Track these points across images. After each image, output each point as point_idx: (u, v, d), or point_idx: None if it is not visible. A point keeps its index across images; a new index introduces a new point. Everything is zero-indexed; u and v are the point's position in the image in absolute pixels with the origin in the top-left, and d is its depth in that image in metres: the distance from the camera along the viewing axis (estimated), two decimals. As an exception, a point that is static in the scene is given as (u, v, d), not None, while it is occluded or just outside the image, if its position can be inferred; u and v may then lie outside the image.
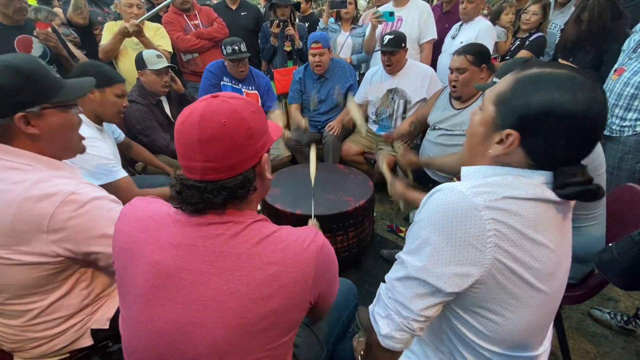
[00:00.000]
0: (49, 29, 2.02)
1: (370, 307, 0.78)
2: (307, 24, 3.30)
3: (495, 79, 1.35)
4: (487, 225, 0.59)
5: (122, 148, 1.91)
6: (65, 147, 0.93)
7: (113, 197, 0.92)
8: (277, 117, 2.57)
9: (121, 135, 1.90)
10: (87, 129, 1.28)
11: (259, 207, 1.68)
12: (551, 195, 0.62)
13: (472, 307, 0.67)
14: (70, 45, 2.30)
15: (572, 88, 0.58)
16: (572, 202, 0.69)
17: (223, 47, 2.38)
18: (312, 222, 1.34)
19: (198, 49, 2.84)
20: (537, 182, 0.63)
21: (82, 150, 1.00)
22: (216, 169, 0.63)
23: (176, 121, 0.66)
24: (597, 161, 1.16)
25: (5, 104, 0.80)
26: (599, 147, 1.16)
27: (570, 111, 0.57)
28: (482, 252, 0.60)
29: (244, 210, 0.69)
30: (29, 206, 0.78)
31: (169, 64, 2.11)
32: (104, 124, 1.61)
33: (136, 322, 0.66)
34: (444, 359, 0.77)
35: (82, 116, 1.02)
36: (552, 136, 0.60)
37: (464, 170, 0.70)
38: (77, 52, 2.35)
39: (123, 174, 1.45)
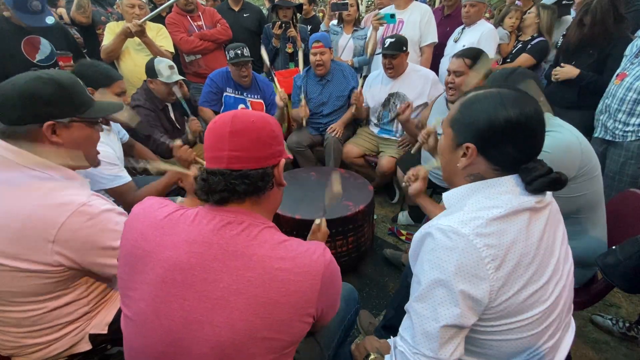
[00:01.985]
0: (71, 62, 2.03)
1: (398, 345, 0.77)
2: (309, 27, 3.31)
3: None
4: (482, 252, 0.64)
5: (125, 148, 1.91)
6: (81, 158, 0.96)
7: (121, 209, 0.93)
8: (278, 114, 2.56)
9: (125, 135, 1.91)
10: None
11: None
12: (527, 201, 0.69)
13: (476, 335, 0.70)
14: None
15: (503, 103, 0.70)
16: (550, 201, 0.75)
17: (226, 51, 2.38)
18: (319, 221, 1.31)
19: (201, 50, 2.83)
20: (509, 188, 0.71)
21: (97, 164, 1.03)
22: (241, 158, 0.69)
23: (209, 122, 0.73)
24: (590, 163, 1.17)
25: (40, 112, 0.85)
26: (591, 151, 1.19)
27: (506, 121, 0.69)
28: (486, 279, 0.64)
29: (259, 214, 0.72)
30: (40, 213, 0.79)
31: (180, 77, 2.11)
32: (112, 123, 1.60)
33: (142, 319, 0.65)
34: None
35: None
36: (500, 142, 0.71)
37: (445, 198, 0.79)
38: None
39: (127, 179, 1.45)
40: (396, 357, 0.75)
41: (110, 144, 1.47)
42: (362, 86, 2.50)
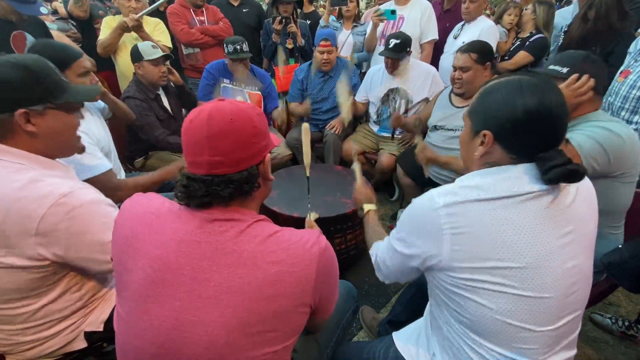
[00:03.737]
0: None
1: (372, 251, 1.02)
2: (309, 22, 3.28)
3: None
4: (442, 219, 0.70)
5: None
6: (61, 147, 0.92)
7: (110, 200, 0.89)
8: (277, 114, 2.55)
9: (106, 107, 1.75)
10: None
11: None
12: (529, 186, 0.69)
13: (454, 289, 0.73)
14: (70, 40, 2.27)
15: (521, 91, 0.69)
16: (561, 192, 0.71)
17: (225, 45, 2.36)
18: (310, 217, 1.30)
19: (201, 44, 2.80)
20: (515, 175, 0.70)
21: (81, 150, 0.98)
22: (223, 163, 0.64)
23: (185, 120, 0.68)
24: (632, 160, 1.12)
25: (9, 99, 0.80)
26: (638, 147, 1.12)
27: (522, 109, 0.68)
28: (440, 240, 0.71)
29: (247, 209, 0.70)
30: (20, 207, 0.76)
31: (166, 53, 2.09)
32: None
33: (132, 319, 0.64)
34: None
35: None
36: (516, 130, 0.70)
37: (458, 180, 0.79)
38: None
39: (103, 168, 1.27)
40: (378, 248, 0.97)
41: (87, 129, 1.30)
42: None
